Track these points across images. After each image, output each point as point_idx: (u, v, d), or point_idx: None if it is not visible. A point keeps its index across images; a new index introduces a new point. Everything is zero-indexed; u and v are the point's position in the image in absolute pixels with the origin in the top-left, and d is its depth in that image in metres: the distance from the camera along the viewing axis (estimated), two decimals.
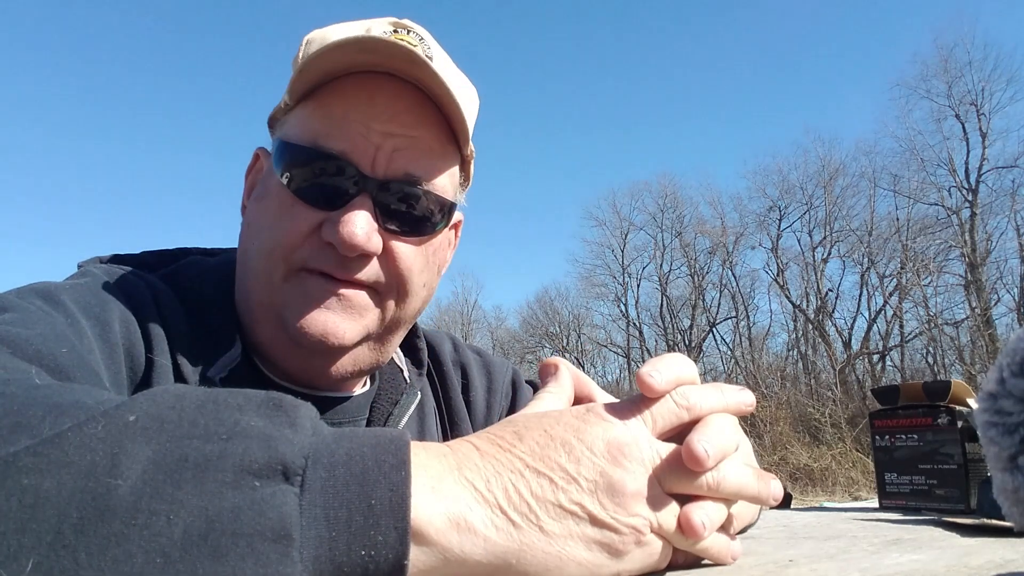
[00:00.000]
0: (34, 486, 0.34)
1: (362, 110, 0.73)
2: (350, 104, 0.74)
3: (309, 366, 0.78)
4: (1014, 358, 0.55)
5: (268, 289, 0.75)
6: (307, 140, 0.74)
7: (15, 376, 0.47)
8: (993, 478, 0.57)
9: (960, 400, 1.13)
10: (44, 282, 0.69)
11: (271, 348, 0.78)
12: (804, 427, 15.15)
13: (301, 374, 0.80)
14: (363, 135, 0.73)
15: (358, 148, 0.73)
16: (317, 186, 0.74)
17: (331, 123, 0.73)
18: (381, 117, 0.74)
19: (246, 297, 0.79)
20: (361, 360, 0.80)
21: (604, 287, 26.47)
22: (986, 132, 18.90)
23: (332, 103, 0.74)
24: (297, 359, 0.77)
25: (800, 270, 21.86)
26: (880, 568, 0.51)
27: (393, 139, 0.74)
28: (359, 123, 0.73)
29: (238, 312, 0.82)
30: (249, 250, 0.78)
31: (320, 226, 0.73)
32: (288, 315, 0.74)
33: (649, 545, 0.46)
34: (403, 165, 0.75)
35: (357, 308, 0.75)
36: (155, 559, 0.34)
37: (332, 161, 0.73)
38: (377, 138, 0.73)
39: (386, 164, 0.74)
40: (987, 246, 18.90)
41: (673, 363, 0.52)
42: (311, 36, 0.81)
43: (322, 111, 0.74)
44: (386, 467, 0.39)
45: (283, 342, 0.76)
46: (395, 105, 0.74)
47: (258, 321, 0.77)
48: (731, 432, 0.51)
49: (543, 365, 0.61)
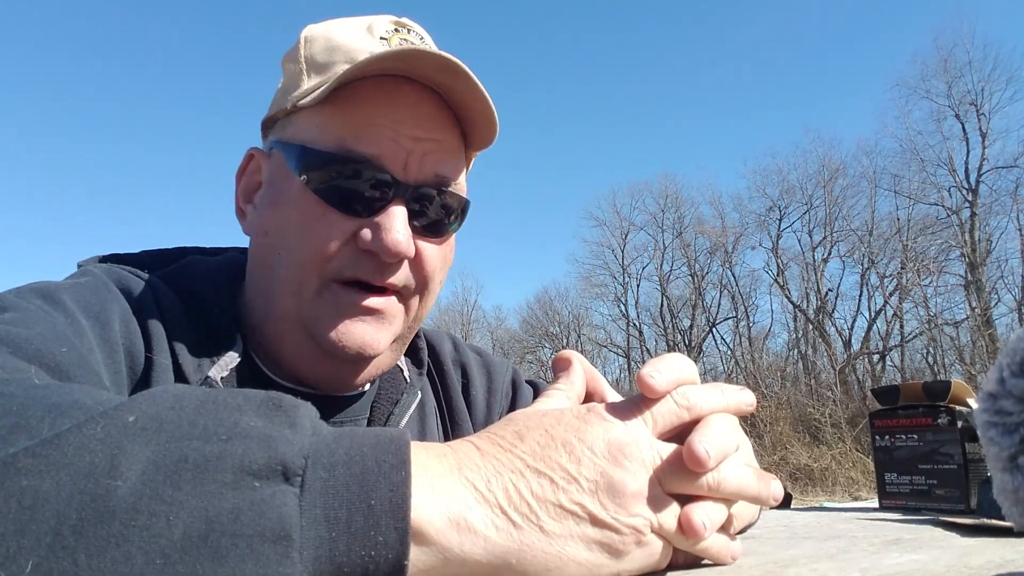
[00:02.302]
0: (33, 487, 0.34)
1: (388, 114, 0.73)
2: (375, 108, 0.73)
3: (336, 375, 0.78)
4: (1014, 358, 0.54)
5: (297, 301, 0.74)
6: (334, 145, 0.72)
7: (14, 376, 0.47)
8: (993, 478, 0.57)
9: (960, 400, 1.13)
10: (44, 281, 0.69)
11: (296, 358, 0.78)
12: (804, 427, 15.15)
13: (323, 381, 0.80)
14: (393, 139, 0.73)
15: (389, 153, 0.73)
16: (351, 192, 0.72)
17: (358, 127, 0.72)
18: (408, 122, 0.73)
19: (266, 306, 0.77)
20: (383, 363, 0.81)
21: (604, 287, 26.50)
22: (986, 132, 18.90)
23: (355, 107, 0.73)
24: (325, 368, 0.78)
25: (800, 270, 21.88)
26: (880, 568, 0.51)
27: (421, 143, 0.74)
28: (387, 127, 0.73)
29: (244, 314, 0.81)
30: (271, 259, 0.76)
31: (355, 234, 0.73)
32: (321, 328, 0.74)
33: (649, 545, 0.46)
34: (432, 168, 0.75)
35: (388, 316, 0.76)
36: (155, 560, 0.33)
37: (365, 166, 0.72)
38: (407, 143, 0.73)
39: (417, 168, 0.74)
40: (987, 246, 18.90)
41: (674, 363, 0.52)
42: (312, 33, 0.80)
43: (345, 115, 0.73)
44: (386, 467, 0.39)
45: (311, 352, 0.76)
46: (419, 109, 0.74)
47: (284, 333, 0.76)
48: (732, 432, 0.51)
49: (557, 358, 0.61)
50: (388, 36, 0.79)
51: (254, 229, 0.80)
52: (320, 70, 0.77)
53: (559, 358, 0.60)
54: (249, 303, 0.81)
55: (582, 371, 0.59)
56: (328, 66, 0.77)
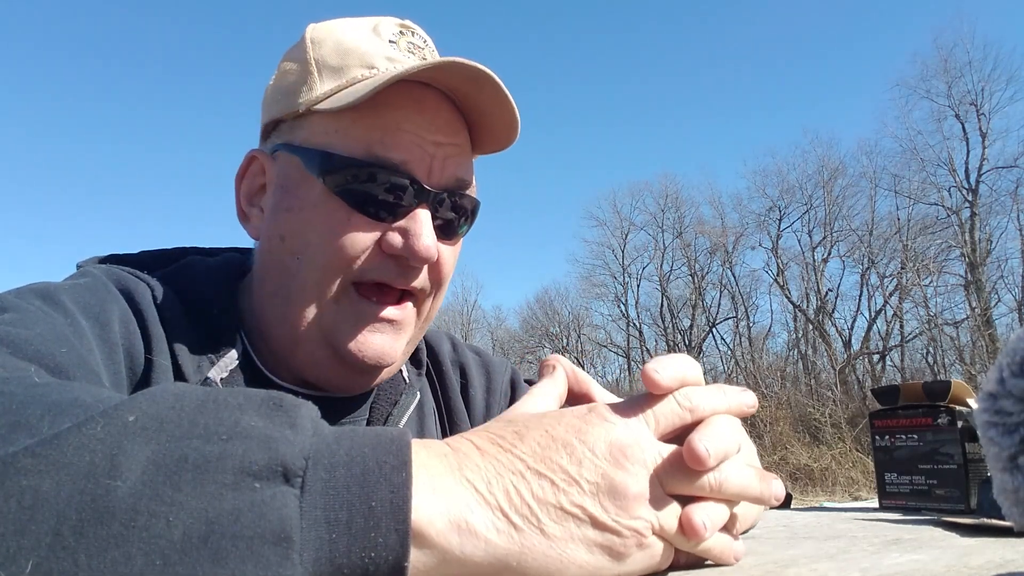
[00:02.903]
0: (33, 487, 0.34)
1: (413, 120, 0.73)
2: (402, 114, 0.73)
3: (349, 381, 0.79)
4: (1014, 358, 0.54)
5: (318, 306, 0.74)
6: (361, 151, 0.72)
7: (14, 375, 0.47)
8: (993, 478, 0.57)
9: (960, 400, 1.13)
10: (43, 282, 0.69)
11: (310, 363, 0.78)
12: (804, 427, 15.15)
13: (334, 386, 0.80)
14: (418, 145, 0.73)
15: (415, 158, 0.73)
16: (377, 198, 0.73)
17: (386, 133, 0.73)
18: (430, 127, 0.74)
19: (283, 310, 0.77)
20: (393, 369, 0.81)
21: (604, 287, 26.48)
22: (986, 132, 18.90)
23: (381, 113, 0.73)
24: (338, 375, 0.78)
25: (800, 270, 21.87)
26: (880, 568, 0.51)
27: (443, 148, 0.75)
28: (412, 133, 0.73)
29: (245, 315, 0.81)
30: (289, 264, 0.75)
31: (380, 238, 0.73)
32: (340, 338, 0.74)
33: (651, 547, 0.46)
34: (453, 172, 0.76)
35: (404, 326, 0.78)
36: (154, 561, 0.33)
37: (393, 172, 0.73)
38: (431, 148, 0.74)
39: (440, 173, 0.75)
40: (987, 246, 18.89)
41: (678, 362, 0.51)
42: (318, 34, 0.79)
43: (371, 120, 0.73)
44: (387, 468, 0.39)
45: (327, 359, 0.76)
46: (439, 115, 0.75)
47: (299, 338, 0.76)
48: (733, 433, 0.50)
49: (543, 364, 0.61)
50: (396, 39, 0.79)
51: (265, 233, 0.79)
52: (334, 73, 0.76)
53: (545, 363, 0.61)
54: (255, 306, 0.81)
55: (564, 373, 0.59)
56: (342, 69, 0.76)
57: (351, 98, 0.71)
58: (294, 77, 0.78)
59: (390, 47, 0.77)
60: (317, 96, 0.75)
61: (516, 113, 0.76)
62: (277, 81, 0.81)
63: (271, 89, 0.81)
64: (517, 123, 0.78)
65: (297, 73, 0.78)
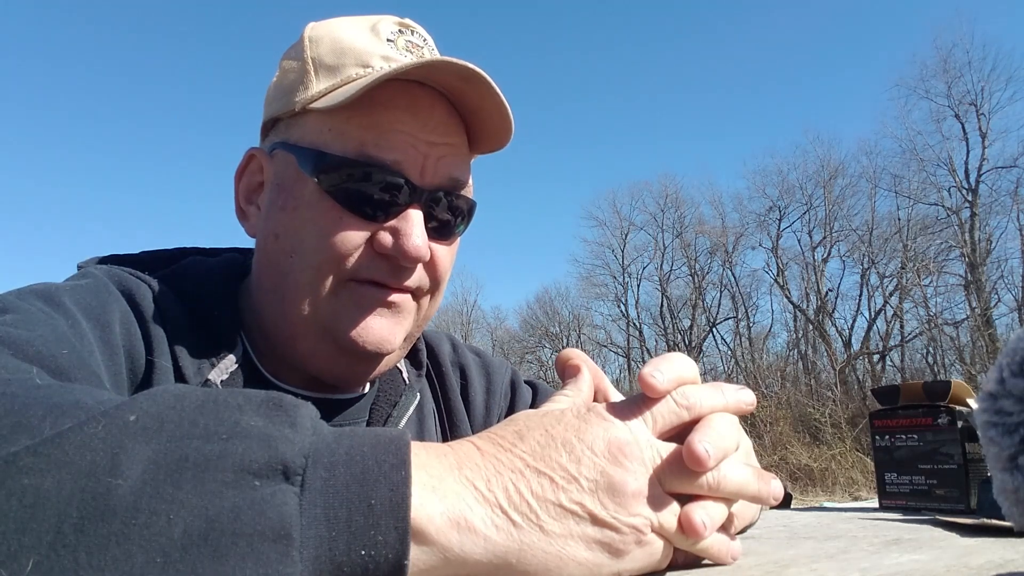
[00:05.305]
0: (34, 486, 0.34)
1: (407, 120, 0.73)
2: (395, 113, 0.73)
3: (351, 372, 0.79)
4: (1014, 358, 0.55)
5: (313, 303, 0.74)
6: (353, 150, 0.72)
7: (16, 376, 0.47)
8: (993, 478, 0.57)
9: (960, 400, 1.13)
10: (44, 283, 0.69)
11: (311, 357, 0.78)
12: (804, 427, 15.14)
13: (337, 379, 0.80)
14: (412, 145, 0.73)
15: (408, 158, 0.73)
16: (369, 197, 0.73)
17: (379, 133, 0.72)
18: (424, 127, 0.74)
19: (280, 307, 0.77)
20: (392, 360, 0.81)
21: (604, 287, 26.47)
22: (986, 132, 18.88)
23: (374, 112, 0.73)
24: (340, 366, 0.78)
25: (800, 270, 21.87)
26: (880, 568, 0.51)
27: (437, 148, 0.75)
28: (406, 133, 0.73)
29: (245, 315, 0.81)
30: (283, 262, 0.75)
31: (372, 237, 0.73)
32: (340, 325, 0.74)
33: (650, 545, 0.46)
34: (447, 172, 0.76)
35: (404, 311, 0.78)
36: (155, 559, 0.34)
37: (385, 172, 0.73)
38: (424, 148, 0.74)
39: (433, 173, 0.75)
40: (987, 246, 18.89)
41: (675, 363, 0.52)
42: (317, 33, 0.79)
43: (364, 120, 0.73)
44: (386, 467, 0.39)
45: (327, 351, 0.76)
46: (433, 114, 0.75)
47: (298, 334, 0.76)
48: (732, 431, 0.51)
49: (564, 362, 0.60)
50: (394, 38, 0.79)
51: (262, 231, 0.79)
52: (330, 72, 0.76)
53: (566, 363, 0.60)
54: (255, 304, 0.81)
55: (590, 377, 0.59)
56: (338, 68, 0.76)
57: (343, 97, 0.71)
58: (293, 76, 0.78)
59: (387, 46, 0.77)
60: (312, 95, 0.75)
61: (509, 112, 0.76)
62: (278, 80, 0.81)
63: (272, 87, 0.82)
64: (510, 122, 0.77)
65: (295, 72, 0.78)
